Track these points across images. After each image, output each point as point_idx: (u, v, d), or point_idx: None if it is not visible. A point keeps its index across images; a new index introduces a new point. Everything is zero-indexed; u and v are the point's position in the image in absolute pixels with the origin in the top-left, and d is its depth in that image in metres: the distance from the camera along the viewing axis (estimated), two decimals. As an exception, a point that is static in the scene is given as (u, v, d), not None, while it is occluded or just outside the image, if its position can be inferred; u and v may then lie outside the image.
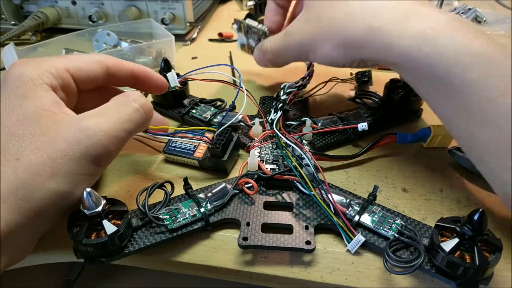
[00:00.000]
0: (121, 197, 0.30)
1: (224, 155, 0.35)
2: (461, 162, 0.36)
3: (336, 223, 0.29)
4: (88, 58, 0.32)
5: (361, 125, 0.37)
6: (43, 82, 0.28)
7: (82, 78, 0.31)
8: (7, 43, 0.51)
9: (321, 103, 0.47)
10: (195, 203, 0.31)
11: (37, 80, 0.28)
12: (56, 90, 0.29)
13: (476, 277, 0.25)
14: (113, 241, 0.27)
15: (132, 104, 0.29)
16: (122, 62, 0.34)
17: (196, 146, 0.37)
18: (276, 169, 0.35)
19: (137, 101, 0.30)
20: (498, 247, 0.25)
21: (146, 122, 0.31)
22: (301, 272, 0.29)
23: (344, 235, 0.29)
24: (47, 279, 0.75)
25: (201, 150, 0.37)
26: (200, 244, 0.31)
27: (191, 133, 0.35)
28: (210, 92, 0.47)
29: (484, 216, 0.25)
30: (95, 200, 0.27)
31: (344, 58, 0.33)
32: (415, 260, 0.26)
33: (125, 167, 0.38)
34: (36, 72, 0.28)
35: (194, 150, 0.37)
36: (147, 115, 0.30)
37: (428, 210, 0.33)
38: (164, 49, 0.54)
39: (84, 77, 0.31)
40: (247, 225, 0.30)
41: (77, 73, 0.31)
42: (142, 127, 0.31)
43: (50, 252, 0.31)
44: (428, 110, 0.44)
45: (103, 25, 0.63)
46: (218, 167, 0.36)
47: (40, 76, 0.28)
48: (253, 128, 0.39)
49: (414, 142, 0.38)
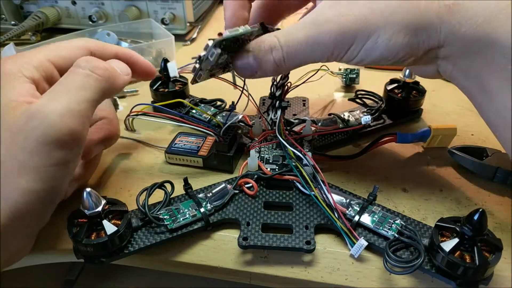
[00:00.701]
0: (121, 197, 0.30)
1: (230, 151, 0.35)
2: (461, 162, 0.36)
3: (340, 228, 0.29)
4: (70, 45, 0.30)
5: (364, 118, 0.37)
6: (23, 75, 0.26)
7: (66, 66, 0.29)
8: (7, 43, 0.52)
9: (321, 103, 0.47)
10: (195, 203, 0.31)
11: (16, 73, 0.26)
12: (39, 82, 0.28)
13: (476, 277, 0.25)
14: (113, 241, 0.27)
15: (80, 71, 0.27)
16: (105, 45, 0.32)
17: (200, 146, 0.37)
18: (276, 169, 0.35)
19: (86, 66, 0.27)
20: (498, 247, 0.25)
21: (109, 85, 0.28)
22: (301, 272, 0.29)
23: (347, 239, 0.29)
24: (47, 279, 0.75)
25: (205, 149, 0.37)
26: (200, 244, 0.31)
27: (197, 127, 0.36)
28: (210, 92, 0.47)
29: (484, 216, 0.25)
30: (95, 200, 0.27)
31: (409, 47, 0.27)
32: (415, 260, 0.26)
33: (125, 167, 0.38)
34: (15, 66, 0.27)
35: (198, 149, 0.37)
36: (105, 76, 0.28)
37: (428, 210, 0.33)
38: (164, 49, 0.54)
39: (67, 65, 0.29)
40: (247, 225, 0.30)
41: (60, 61, 0.29)
42: (109, 91, 0.28)
43: (50, 252, 0.31)
44: (428, 110, 0.44)
45: (103, 25, 0.63)
46: (223, 165, 0.36)
47: (20, 69, 0.27)
48: (253, 128, 0.39)
49: (414, 142, 0.38)
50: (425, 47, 0.27)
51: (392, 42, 0.26)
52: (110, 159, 0.39)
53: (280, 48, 0.29)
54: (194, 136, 0.39)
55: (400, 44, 0.26)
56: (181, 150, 0.37)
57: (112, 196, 0.30)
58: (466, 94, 0.29)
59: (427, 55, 0.28)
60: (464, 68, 0.27)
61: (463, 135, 0.41)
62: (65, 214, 0.28)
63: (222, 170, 0.36)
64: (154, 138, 0.42)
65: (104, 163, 0.38)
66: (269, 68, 0.29)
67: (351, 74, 0.50)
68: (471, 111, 0.46)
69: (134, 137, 0.42)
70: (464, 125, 0.43)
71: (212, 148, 0.36)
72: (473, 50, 0.26)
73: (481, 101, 0.28)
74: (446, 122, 0.41)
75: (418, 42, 0.26)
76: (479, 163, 0.35)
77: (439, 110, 0.46)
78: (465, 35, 0.25)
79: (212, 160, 0.36)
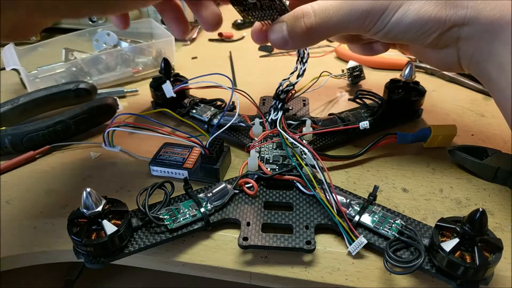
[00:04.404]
0: (121, 197, 0.30)
1: (216, 163, 0.34)
2: (461, 162, 0.36)
3: (339, 223, 0.29)
4: None
5: (362, 123, 0.37)
6: None
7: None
8: (7, 43, 0.51)
9: (321, 103, 0.47)
10: (195, 203, 0.31)
11: None
12: None
13: (476, 277, 0.25)
14: (113, 241, 0.27)
15: None
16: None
17: (186, 158, 0.36)
18: (276, 169, 0.35)
19: None
20: (498, 247, 0.25)
21: None
22: (301, 272, 0.29)
23: (346, 236, 0.29)
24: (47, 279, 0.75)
25: (191, 161, 0.36)
26: (200, 244, 0.31)
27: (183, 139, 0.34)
28: (210, 92, 0.47)
29: (484, 216, 0.25)
30: (95, 200, 0.26)
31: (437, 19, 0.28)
32: (416, 260, 0.26)
33: (125, 167, 0.38)
34: None
35: (183, 161, 0.36)
36: None
37: (428, 210, 0.33)
38: (164, 49, 0.54)
39: None
40: (247, 225, 0.30)
41: None
42: None
43: (50, 252, 0.31)
44: (428, 110, 0.44)
45: (103, 25, 0.63)
46: (209, 177, 0.35)
47: None
48: (253, 128, 0.39)
49: (414, 142, 0.38)
50: (451, 22, 0.28)
51: (422, 11, 0.28)
52: (110, 159, 0.39)
53: (313, 13, 0.29)
54: (179, 147, 0.37)
55: (429, 15, 0.28)
56: (166, 162, 0.36)
57: (112, 196, 0.30)
58: (485, 78, 0.30)
59: (450, 32, 0.29)
60: (485, 49, 0.28)
61: (463, 135, 0.41)
62: (65, 214, 0.28)
63: (208, 182, 0.35)
64: (137, 149, 0.40)
65: (104, 163, 0.38)
66: (299, 35, 0.29)
67: (355, 71, 0.50)
68: (471, 111, 0.46)
69: (134, 137, 0.41)
70: (464, 125, 0.43)
71: (198, 161, 0.35)
72: (496, 30, 0.27)
73: (502, 84, 0.28)
74: (446, 122, 0.41)
75: (446, 16, 0.28)
76: (479, 163, 0.35)
77: (439, 110, 0.46)
78: (488, 15, 0.27)
79: (197, 172, 0.35)
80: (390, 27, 0.29)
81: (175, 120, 0.40)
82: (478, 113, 0.45)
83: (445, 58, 0.31)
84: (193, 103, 0.43)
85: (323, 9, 0.29)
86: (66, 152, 0.40)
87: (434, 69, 0.54)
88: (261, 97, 0.46)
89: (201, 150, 0.34)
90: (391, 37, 0.30)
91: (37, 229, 0.32)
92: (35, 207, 0.34)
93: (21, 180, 0.37)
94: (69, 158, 0.40)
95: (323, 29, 0.29)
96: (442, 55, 0.31)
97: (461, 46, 0.29)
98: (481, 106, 0.46)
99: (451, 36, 0.29)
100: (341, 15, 0.29)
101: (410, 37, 0.30)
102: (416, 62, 0.55)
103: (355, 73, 0.50)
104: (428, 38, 0.29)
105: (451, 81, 0.52)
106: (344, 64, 0.55)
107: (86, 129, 0.42)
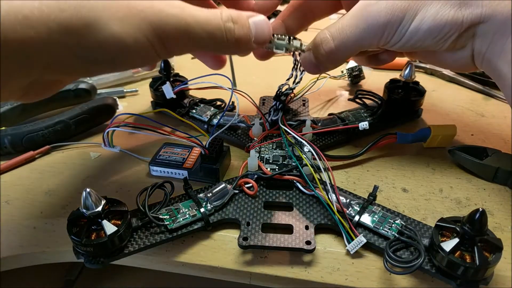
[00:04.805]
0: (121, 197, 0.30)
1: (216, 163, 0.34)
2: (461, 162, 0.36)
3: (339, 222, 0.29)
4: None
5: (362, 124, 0.37)
6: None
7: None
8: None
9: (321, 103, 0.47)
10: (195, 203, 0.31)
11: None
12: None
13: (476, 277, 0.25)
14: (113, 241, 0.27)
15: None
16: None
17: (185, 158, 0.36)
18: (276, 169, 0.35)
19: None
20: (498, 247, 0.25)
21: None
22: (301, 272, 0.29)
23: (345, 235, 0.29)
24: (47, 279, 0.75)
25: (191, 161, 0.36)
26: (200, 244, 0.31)
27: (183, 140, 0.34)
28: (210, 92, 0.47)
29: (484, 216, 0.25)
30: (95, 200, 0.26)
31: (455, 22, 0.28)
32: (415, 260, 0.26)
33: (125, 167, 0.38)
34: None
35: (183, 161, 0.36)
36: None
37: (428, 210, 0.33)
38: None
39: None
40: (247, 225, 0.30)
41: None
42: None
43: (50, 252, 0.31)
44: (428, 110, 0.44)
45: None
46: (209, 177, 0.35)
47: None
48: (253, 128, 0.39)
49: (414, 142, 0.38)
50: (468, 22, 0.28)
51: (439, 16, 0.28)
52: (110, 159, 0.39)
53: (330, 38, 0.30)
54: (179, 147, 0.37)
55: (446, 18, 0.28)
56: (166, 162, 0.36)
57: (112, 196, 0.30)
58: (496, 74, 0.30)
59: (467, 32, 0.29)
60: (498, 45, 0.28)
61: (463, 135, 0.41)
62: (65, 214, 0.28)
63: (208, 182, 0.35)
64: (136, 149, 0.40)
65: (104, 163, 0.38)
66: (323, 60, 0.31)
67: (354, 72, 0.50)
68: (471, 111, 0.46)
69: (134, 137, 0.41)
70: (464, 125, 0.43)
71: (198, 161, 0.35)
72: (509, 27, 0.27)
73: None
74: (446, 122, 0.41)
75: (462, 16, 0.28)
76: (479, 163, 0.35)
77: (439, 110, 0.46)
78: (503, 12, 0.27)
79: (197, 172, 0.35)
80: (408, 36, 0.29)
81: (175, 120, 0.40)
82: (478, 113, 0.45)
83: (460, 59, 0.31)
84: (193, 103, 0.43)
85: (340, 31, 0.30)
86: (66, 152, 0.40)
87: (433, 69, 0.54)
88: (261, 97, 0.46)
89: (201, 150, 0.34)
90: (409, 46, 0.30)
91: (37, 229, 0.32)
92: (35, 207, 0.34)
93: (21, 180, 0.37)
94: (69, 158, 0.40)
95: (343, 49, 0.30)
96: (456, 57, 0.31)
97: (476, 43, 0.29)
98: (481, 106, 0.46)
99: (468, 36, 0.29)
100: (358, 33, 0.29)
101: (428, 44, 0.29)
102: (416, 62, 0.55)
103: (354, 73, 0.50)
104: (446, 42, 0.29)
105: (451, 81, 0.52)
106: (343, 64, 0.55)
107: (86, 129, 0.42)
